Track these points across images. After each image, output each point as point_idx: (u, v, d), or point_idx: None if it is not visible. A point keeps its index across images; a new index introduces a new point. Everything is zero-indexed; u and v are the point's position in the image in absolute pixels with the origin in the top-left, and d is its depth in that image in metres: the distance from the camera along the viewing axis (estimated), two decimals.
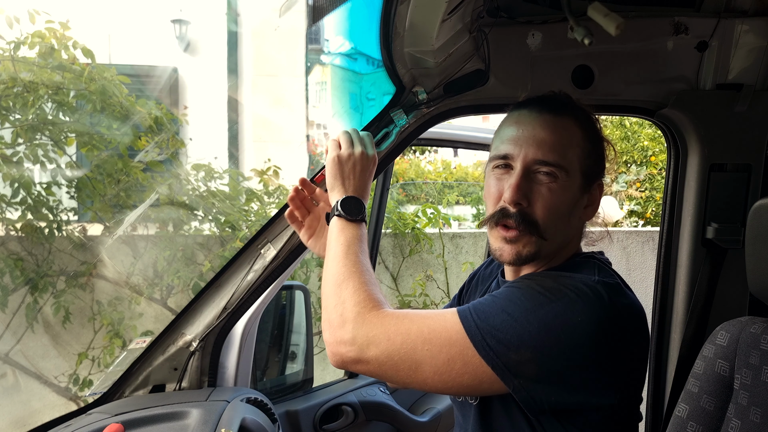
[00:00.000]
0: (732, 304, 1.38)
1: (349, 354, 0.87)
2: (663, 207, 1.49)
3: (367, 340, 0.85)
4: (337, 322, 0.89)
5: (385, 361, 0.85)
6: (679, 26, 1.27)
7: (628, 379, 0.89)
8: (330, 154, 1.07)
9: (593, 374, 0.84)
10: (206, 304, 1.36)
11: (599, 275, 0.90)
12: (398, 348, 0.84)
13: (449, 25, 1.16)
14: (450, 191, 5.88)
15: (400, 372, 0.85)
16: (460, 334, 0.84)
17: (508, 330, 0.82)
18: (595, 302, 0.84)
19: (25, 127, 2.97)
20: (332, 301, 0.92)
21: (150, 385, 1.33)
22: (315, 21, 1.37)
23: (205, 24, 6.10)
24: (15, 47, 2.94)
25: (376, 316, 0.87)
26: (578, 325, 0.82)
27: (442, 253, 3.74)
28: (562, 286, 0.86)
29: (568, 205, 0.95)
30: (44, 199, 3.06)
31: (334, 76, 5.77)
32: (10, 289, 2.99)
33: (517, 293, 0.87)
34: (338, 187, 1.06)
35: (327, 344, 0.90)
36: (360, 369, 0.88)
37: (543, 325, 0.82)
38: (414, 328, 0.85)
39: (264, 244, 1.32)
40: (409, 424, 1.85)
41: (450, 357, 0.83)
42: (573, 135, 0.95)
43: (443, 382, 0.84)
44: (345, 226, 1.01)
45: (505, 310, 0.84)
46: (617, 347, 0.85)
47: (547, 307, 0.83)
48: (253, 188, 3.52)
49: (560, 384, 0.83)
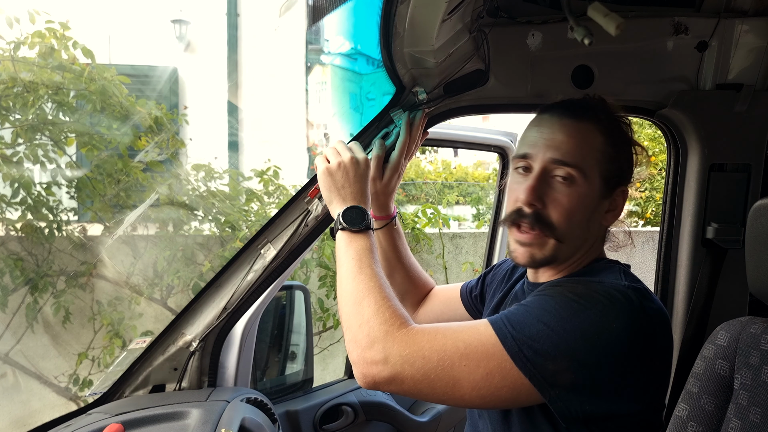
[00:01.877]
0: (732, 304, 1.38)
1: (382, 374, 0.84)
2: (663, 207, 1.49)
3: (401, 360, 0.83)
4: (365, 343, 0.86)
5: (421, 380, 0.83)
6: (679, 26, 1.27)
7: (657, 385, 0.88)
8: (319, 169, 1.06)
9: (627, 381, 0.83)
10: (206, 304, 1.35)
11: (627, 280, 0.90)
12: (435, 366, 0.82)
13: (449, 25, 1.16)
14: (450, 191, 5.88)
15: (436, 390, 0.83)
16: (497, 347, 0.82)
17: (545, 340, 0.81)
18: (627, 308, 0.83)
19: (25, 127, 2.97)
20: (355, 321, 0.89)
21: (150, 385, 1.33)
22: (315, 21, 1.37)
23: (205, 24, 6.10)
24: (15, 47, 2.94)
25: (407, 334, 0.85)
26: (613, 331, 0.81)
27: (442, 253, 3.75)
28: (594, 292, 0.85)
29: (585, 208, 0.94)
30: (44, 199, 3.06)
31: (335, 76, 5.77)
32: (10, 289, 3.00)
33: (550, 302, 0.86)
34: (335, 199, 1.04)
35: (355, 365, 0.87)
36: (393, 389, 0.85)
37: (579, 334, 0.81)
38: (449, 344, 0.83)
39: (264, 244, 1.32)
40: (409, 424, 1.85)
41: (488, 371, 0.82)
42: (593, 139, 0.95)
43: (481, 397, 0.83)
44: (352, 239, 0.98)
45: (541, 320, 0.83)
46: (649, 353, 0.84)
47: (582, 315, 0.82)
48: (253, 188, 3.53)
49: (595, 392, 0.82)
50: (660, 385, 0.89)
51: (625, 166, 0.99)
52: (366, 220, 1.01)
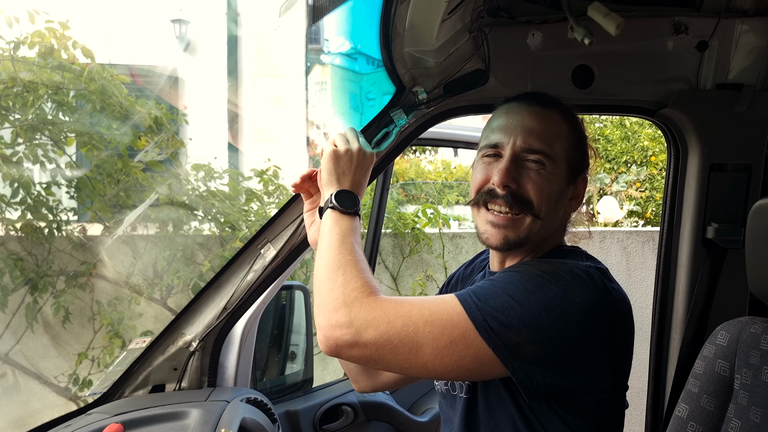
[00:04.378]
0: (732, 304, 1.38)
1: (344, 337, 0.84)
2: (663, 207, 1.49)
3: (366, 323, 0.83)
4: (332, 306, 0.86)
5: (384, 345, 0.83)
6: (679, 26, 1.27)
7: (619, 362, 0.91)
8: (327, 150, 1.06)
9: (589, 355, 0.85)
10: (206, 304, 1.35)
11: (590, 261, 0.94)
12: (399, 330, 0.82)
13: (449, 25, 1.16)
14: (450, 191, 5.88)
15: (399, 356, 0.83)
16: (462, 316, 0.83)
17: (509, 311, 0.82)
18: (590, 285, 0.86)
19: (24, 127, 2.97)
20: (327, 286, 0.89)
21: (150, 385, 1.33)
22: (315, 21, 1.37)
23: (205, 24, 6.10)
24: (15, 47, 2.94)
25: (375, 301, 0.85)
26: (576, 305, 0.84)
27: (442, 253, 3.74)
28: (559, 269, 0.88)
29: (555, 192, 0.97)
30: (44, 199, 3.06)
31: (334, 76, 5.76)
32: (10, 289, 2.99)
33: (516, 276, 0.88)
34: (333, 181, 1.04)
35: (320, 328, 0.87)
36: (355, 354, 0.85)
37: (543, 306, 0.83)
38: (414, 310, 0.84)
39: (264, 244, 1.32)
40: (409, 424, 1.85)
41: (452, 339, 0.82)
42: (560, 127, 0.99)
43: (444, 365, 0.83)
44: (339, 218, 0.99)
45: (506, 291, 0.85)
46: (610, 329, 0.87)
47: (546, 289, 0.84)
48: (253, 188, 3.53)
49: (557, 365, 0.84)
50: (623, 363, 0.92)
51: (585, 155, 1.03)
52: (356, 205, 1.02)
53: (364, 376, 1.23)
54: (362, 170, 1.06)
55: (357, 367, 1.22)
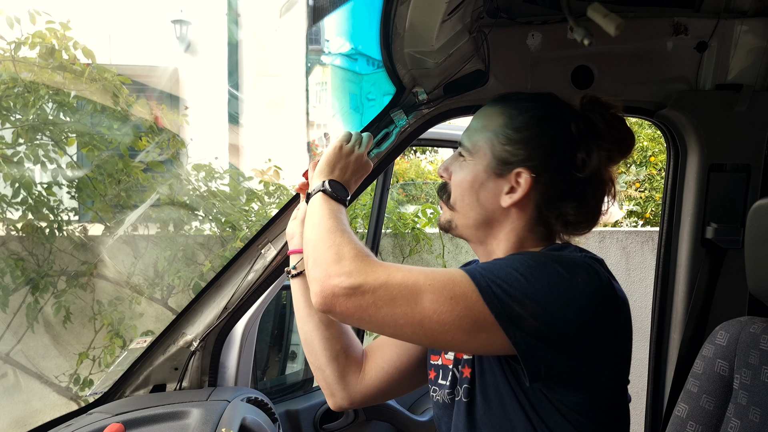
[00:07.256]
0: (731, 304, 1.38)
1: (342, 284, 0.82)
2: (662, 207, 1.49)
3: (366, 273, 0.82)
4: (332, 258, 0.85)
5: (383, 295, 0.81)
6: (678, 26, 1.27)
7: (619, 351, 0.90)
8: (333, 143, 1.08)
9: (588, 339, 0.84)
10: (207, 304, 1.36)
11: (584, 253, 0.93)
12: (399, 282, 0.81)
13: (449, 26, 1.16)
14: None
15: (396, 308, 0.81)
16: (465, 278, 0.82)
17: (513, 282, 0.81)
18: (591, 271, 0.86)
19: (25, 127, 2.97)
20: (324, 244, 0.88)
21: (150, 385, 1.33)
22: (315, 22, 1.37)
23: (205, 24, 6.10)
24: (16, 47, 2.94)
25: (375, 260, 0.86)
26: (578, 287, 0.83)
27: (442, 253, 3.75)
28: (560, 256, 0.89)
29: (470, 181, 0.99)
30: (45, 199, 3.07)
31: (335, 77, 5.76)
32: (11, 289, 3.00)
33: (518, 257, 0.88)
34: (329, 171, 1.06)
35: (315, 282, 0.85)
36: (350, 305, 0.82)
37: (547, 283, 0.82)
38: (415, 269, 0.84)
39: (264, 244, 1.32)
40: (409, 424, 1.86)
41: (453, 295, 0.81)
42: (492, 122, 1.00)
43: (441, 323, 0.80)
44: (328, 200, 1.00)
45: (510, 266, 0.84)
46: (610, 318, 0.86)
47: (549, 267, 0.84)
48: (254, 188, 3.53)
49: (558, 345, 0.82)
50: (622, 355, 0.91)
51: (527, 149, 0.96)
52: (347, 196, 1.05)
53: (341, 385, 1.13)
54: (357, 174, 1.10)
55: (333, 375, 1.12)
